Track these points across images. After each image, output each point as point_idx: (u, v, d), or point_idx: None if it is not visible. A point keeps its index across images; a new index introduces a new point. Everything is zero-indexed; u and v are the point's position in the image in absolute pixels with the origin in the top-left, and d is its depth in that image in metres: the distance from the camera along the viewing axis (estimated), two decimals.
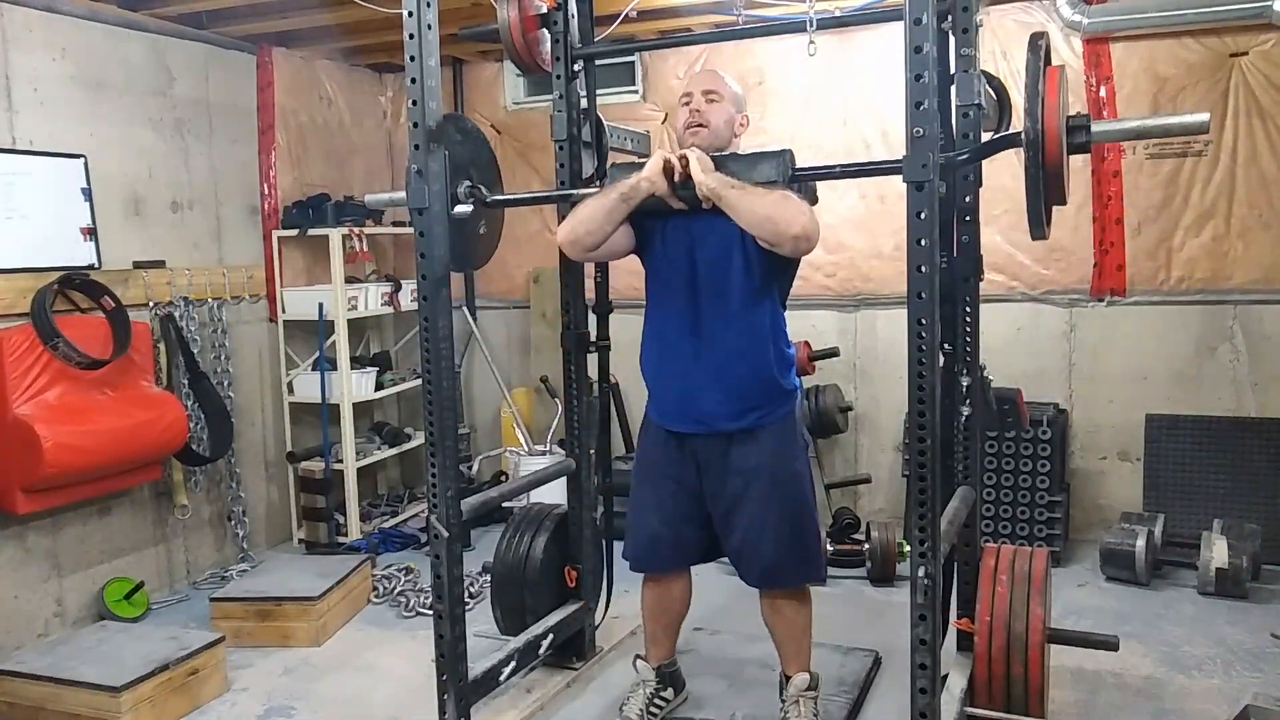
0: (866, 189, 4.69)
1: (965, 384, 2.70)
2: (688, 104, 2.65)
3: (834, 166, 2.68)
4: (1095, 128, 2.11)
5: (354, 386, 4.82)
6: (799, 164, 2.52)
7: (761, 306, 2.61)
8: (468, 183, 2.74)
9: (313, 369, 4.82)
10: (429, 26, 2.47)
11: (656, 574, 2.86)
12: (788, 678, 2.76)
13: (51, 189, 3.75)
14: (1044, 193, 2.10)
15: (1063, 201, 2.16)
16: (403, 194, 2.72)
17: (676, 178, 2.47)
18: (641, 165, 2.56)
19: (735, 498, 2.64)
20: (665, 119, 5.04)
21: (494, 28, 3.05)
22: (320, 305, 4.71)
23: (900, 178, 2.08)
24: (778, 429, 2.64)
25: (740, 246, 2.54)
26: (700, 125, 2.61)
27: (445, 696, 2.63)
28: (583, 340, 3.29)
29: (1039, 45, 2.12)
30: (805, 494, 2.67)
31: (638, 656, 2.97)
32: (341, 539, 4.75)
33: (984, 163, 2.69)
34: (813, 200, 2.61)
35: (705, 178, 2.42)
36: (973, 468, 2.83)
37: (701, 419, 2.64)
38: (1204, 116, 2.06)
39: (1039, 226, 2.17)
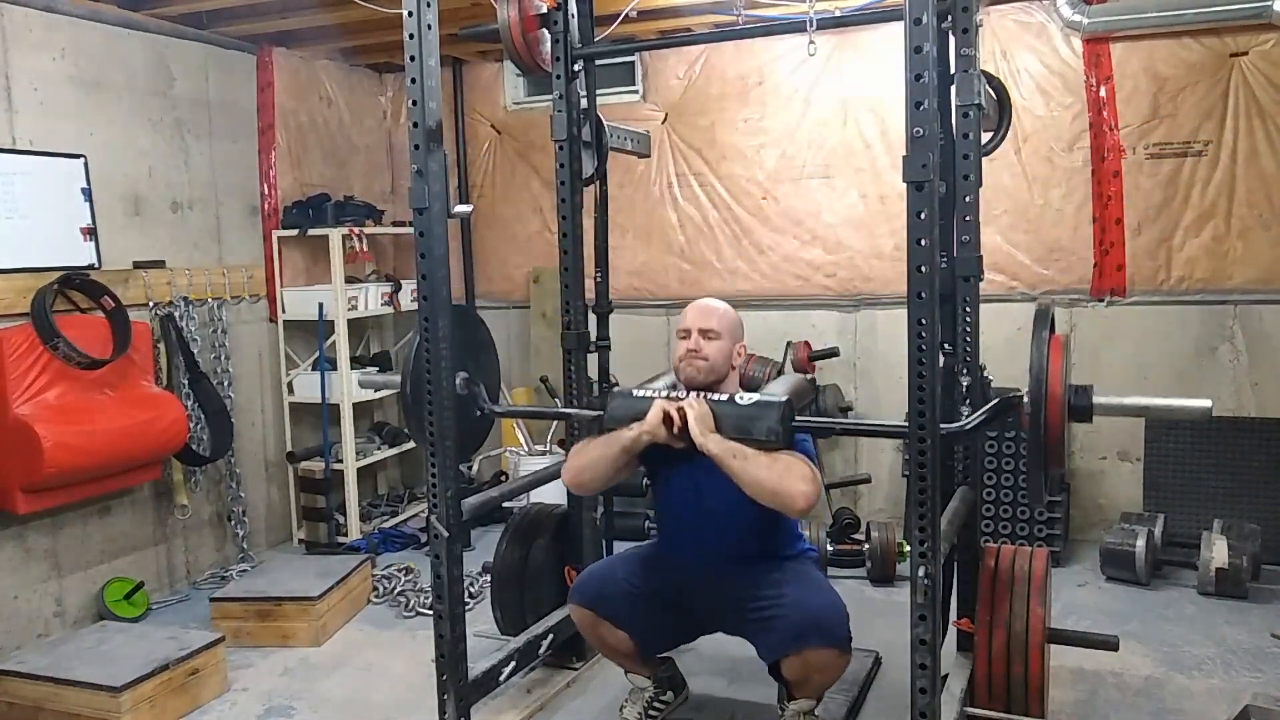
0: (867, 189, 4.69)
1: (965, 384, 2.70)
2: (685, 340, 2.63)
3: (835, 424, 2.66)
4: (1097, 400, 2.12)
5: (354, 386, 4.82)
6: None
7: (770, 525, 2.62)
8: (464, 375, 2.67)
9: (313, 369, 4.82)
10: (429, 26, 2.46)
11: (595, 609, 2.75)
12: (792, 697, 2.64)
13: (51, 189, 3.75)
14: (1045, 461, 2.12)
15: (1061, 466, 2.19)
16: (397, 377, 2.73)
17: (675, 429, 2.45)
18: (639, 400, 2.54)
19: (749, 587, 2.59)
20: (665, 119, 5.05)
21: (494, 28, 3.05)
22: (320, 305, 4.71)
23: (899, 180, 2.08)
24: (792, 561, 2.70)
25: None
26: (700, 360, 2.60)
27: (445, 696, 2.63)
28: (583, 340, 3.29)
29: (1044, 321, 2.15)
30: (823, 578, 2.68)
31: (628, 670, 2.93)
32: (341, 539, 4.75)
33: (984, 162, 2.69)
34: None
35: (705, 441, 2.40)
36: (973, 468, 2.83)
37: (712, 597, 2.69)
38: (1206, 404, 2.09)
39: (1038, 497, 2.21)
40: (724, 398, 2.50)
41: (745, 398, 2.49)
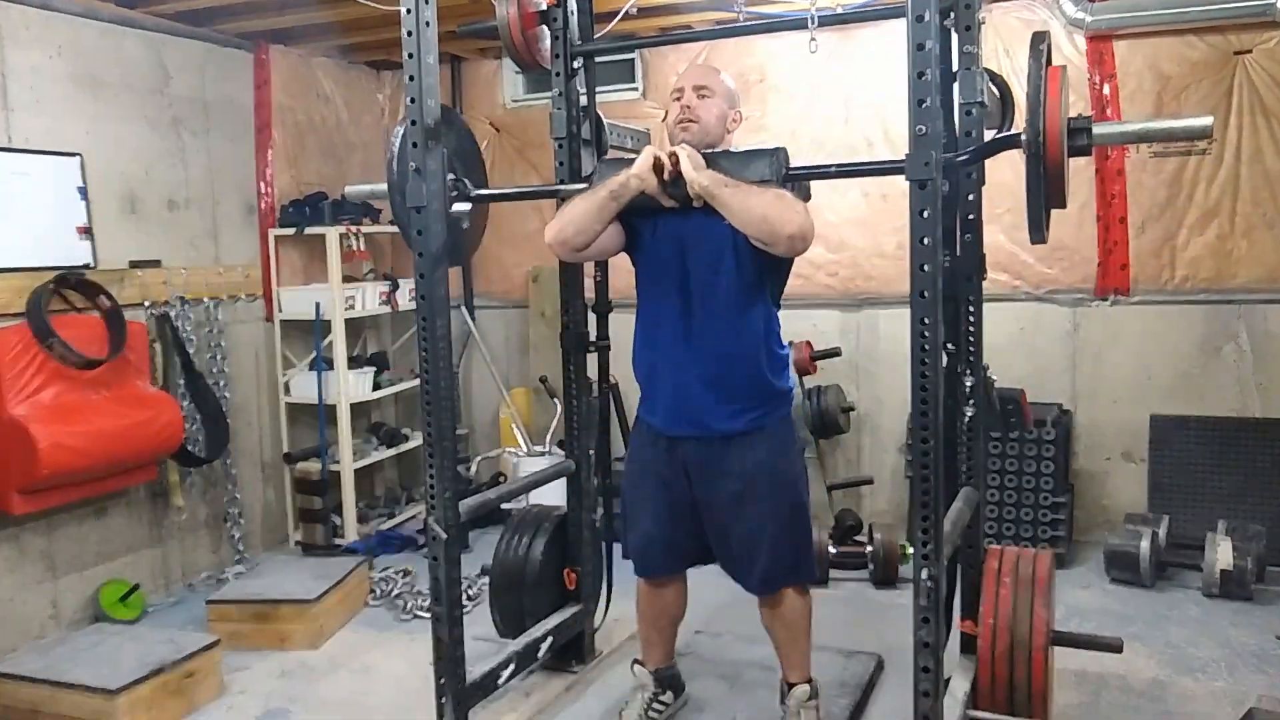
0: (868, 187, 4.67)
1: (968, 384, 2.68)
2: (679, 99, 2.59)
3: (829, 166, 2.63)
4: (1097, 130, 2.08)
5: (351, 387, 4.79)
6: (799, 161, 2.48)
7: (754, 307, 2.55)
8: (452, 176, 2.68)
9: (310, 369, 4.80)
10: (427, 23, 2.45)
11: (650, 577, 2.82)
12: (789, 686, 2.72)
13: (47, 188, 3.73)
14: (1044, 196, 2.08)
15: (1062, 205, 2.14)
16: (383, 185, 2.71)
17: (666, 175, 2.39)
18: (630, 162, 2.48)
19: (731, 502, 2.58)
20: (665, 117, 5.01)
21: (493, 25, 3.03)
22: (317, 305, 4.68)
23: (901, 176, 2.06)
24: (773, 431, 2.60)
25: (732, 246, 2.47)
26: (691, 120, 2.56)
27: (443, 700, 2.61)
28: (582, 340, 3.27)
29: (1040, 46, 2.09)
30: (802, 495, 2.63)
31: (635, 661, 2.95)
32: (339, 541, 4.73)
33: (986, 161, 2.66)
34: (806, 197, 2.54)
35: (697, 175, 2.35)
36: (976, 469, 2.81)
37: (694, 421, 2.58)
38: (1208, 120, 2.04)
39: (1038, 230, 2.15)
40: (719, 149, 2.53)
41: (738, 149, 2.53)
